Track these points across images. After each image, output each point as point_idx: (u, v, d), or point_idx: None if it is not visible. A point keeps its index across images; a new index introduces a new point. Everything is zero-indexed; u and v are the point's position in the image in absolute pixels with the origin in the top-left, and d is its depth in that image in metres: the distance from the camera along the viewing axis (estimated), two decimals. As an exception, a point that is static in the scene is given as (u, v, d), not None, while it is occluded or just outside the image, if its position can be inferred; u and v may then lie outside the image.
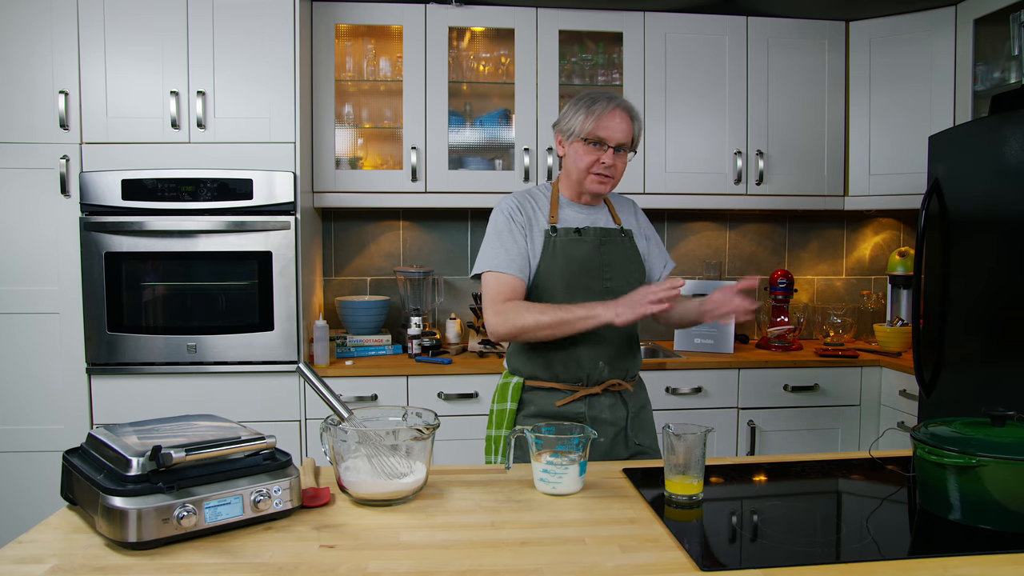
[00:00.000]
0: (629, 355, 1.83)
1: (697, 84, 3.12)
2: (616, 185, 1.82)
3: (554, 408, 1.77)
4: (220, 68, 2.66)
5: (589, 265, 1.77)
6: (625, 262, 1.82)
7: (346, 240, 3.33)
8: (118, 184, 2.61)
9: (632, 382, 1.86)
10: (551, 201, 1.83)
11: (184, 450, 1.11)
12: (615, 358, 1.79)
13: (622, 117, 1.74)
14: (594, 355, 1.76)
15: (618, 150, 1.74)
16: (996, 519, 1.14)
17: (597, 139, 1.73)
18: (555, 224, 1.79)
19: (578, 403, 1.78)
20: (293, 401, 2.70)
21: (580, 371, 1.77)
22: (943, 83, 2.99)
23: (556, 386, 1.78)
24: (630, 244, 1.86)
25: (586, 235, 1.79)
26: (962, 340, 2.40)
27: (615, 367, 1.80)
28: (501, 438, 1.80)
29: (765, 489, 1.40)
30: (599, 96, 1.76)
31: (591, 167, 1.75)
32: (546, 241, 1.77)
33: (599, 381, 1.78)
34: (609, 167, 1.74)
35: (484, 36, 3.20)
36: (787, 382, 2.92)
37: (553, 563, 1.03)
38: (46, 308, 2.63)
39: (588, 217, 1.84)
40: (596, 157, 1.74)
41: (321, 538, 1.12)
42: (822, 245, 3.58)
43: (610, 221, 1.87)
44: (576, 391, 1.77)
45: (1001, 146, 2.22)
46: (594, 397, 1.79)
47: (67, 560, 1.04)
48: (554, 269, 1.75)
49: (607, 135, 1.72)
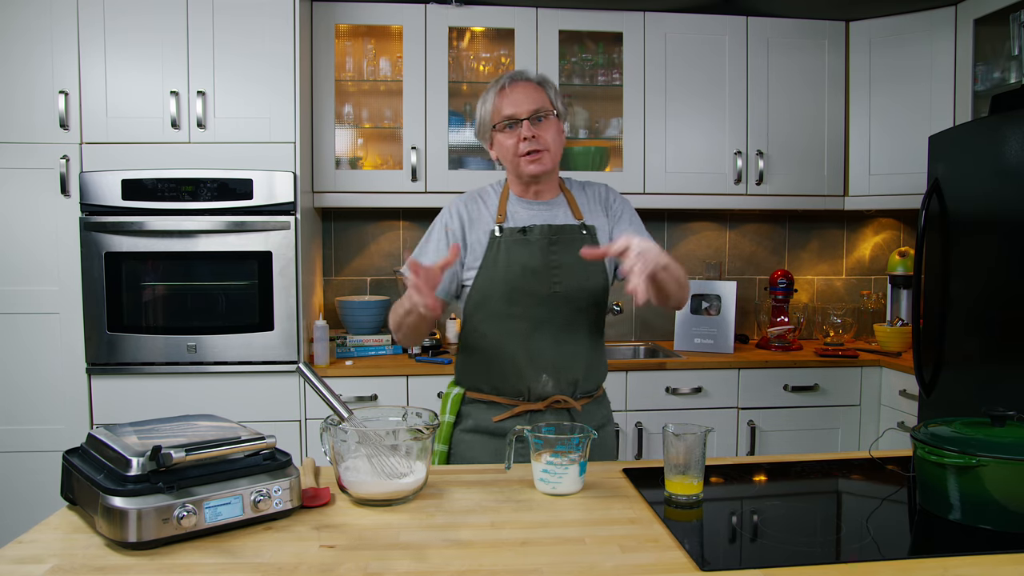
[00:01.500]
0: (581, 368, 1.65)
1: (697, 84, 3.12)
2: (554, 159, 1.64)
3: (491, 424, 1.63)
4: (220, 68, 2.66)
5: (534, 267, 1.60)
6: (579, 263, 1.59)
7: (346, 240, 3.33)
8: (118, 184, 2.61)
9: (584, 400, 1.68)
10: (501, 198, 1.69)
11: (184, 450, 1.11)
12: (562, 371, 1.63)
13: (524, 86, 1.61)
14: (537, 367, 1.61)
15: (537, 120, 1.60)
16: (996, 519, 1.14)
17: (507, 119, 1.60)
18: (502, 224, 1.64)
19: (518, 420, 1.62)
20: (293, 401, 2.70)
21: (520, 384, 1.62)
22: (943, 83, 2.99)
23: (496, 399, 1.64)
24: (591, 242, 1.65)
25: (531, 234, 1.62)
26: (962, 340, 2.40)
27: (562, 381, 1.63)
28: (437, 454, 1.67)
29: (765, 489, 1.40)
30: (495, 81, 1.65)
31: (516, 150, 1.61)
32: (490, 243, 1.63)
33: (542, 397, 1.63)
34: (533, 139, 1.59)
35: (484, 36, 3.20)
36: (787, 382, 2.92)
37: (553, 563, 1.03)
38: (46, 308, 2.63)
39: (539, 214, 1.67)
40: (516, 137, 1.60)
41: (321, 538, 1.12)
42: (822, 245, 3.58)
43: (568, 216, 1.68)
44: (516, 405, 1.63)
45: (1001, 146, 2.22)
46: (537, 414, 1.63)
47: (67, 560, 1.04)
48: (495, 274, 1.61)
49: (513, 109, 1.59)
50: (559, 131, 1.64)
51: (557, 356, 1.62)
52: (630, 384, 2.84)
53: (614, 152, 3.19)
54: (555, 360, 1.62)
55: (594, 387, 1.71)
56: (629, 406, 2.85)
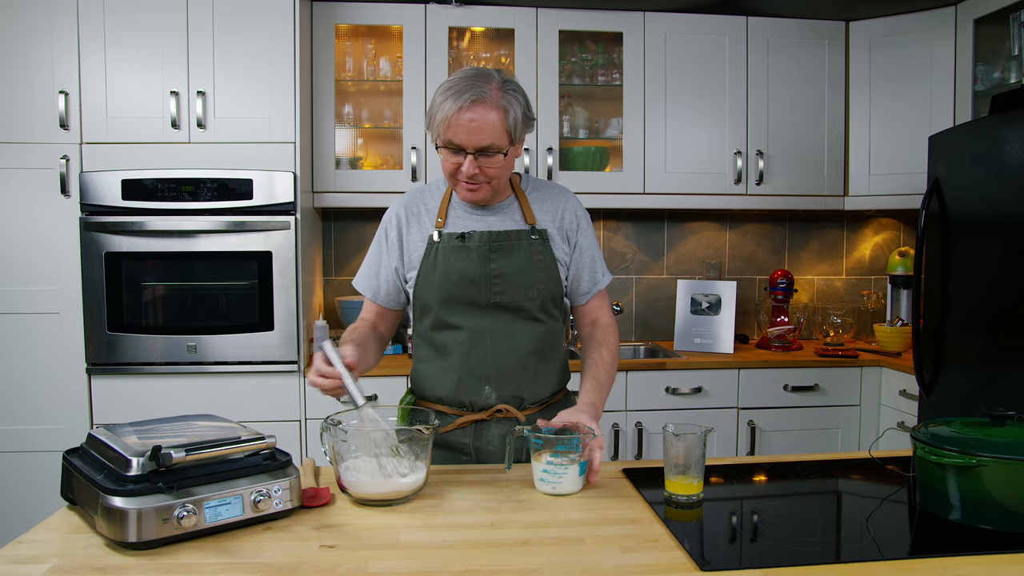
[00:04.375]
0: (525, 381, 1.55)
1: (697, 84, 3.12)
2: (498, 185, 1.50)
3: (437, 436, 1.54)
4: (220, 68, 2.66)
5: (472, 276, 1.51)
6: (524, 271, 1.51)
7: (346, 240, 3.33)
8: (118, 184, 2.61)
9: (532, 410, 1.58)
10: (442, 201, 1.58)
11: (184, 450, 1.11)
12: (505, 383, 1.54)
13: (482, 111, 1.39)
14: (477, 378, 1.53)
15: (483, 155, 1.43)
16: (996, 519, 1.14)
17: (451, 144, 1.43)
18: (441, 229, 1.55)
19: (461, 432, 1.56)
20: (293, 401, 2.70)
21: (462, 395, 1.55)
22: (943, 83, 2.99)
23: (442, 409, 1.57)
24: (540, 248, 1.54)
25: (471, 241, 1.52)
26: (962, 340, 2.40)
27: (505, 393, 1.54)
28: None
29: (765, 489, 1.40)
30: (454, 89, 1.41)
31: (454, 173, 1.47)
32: (427, 250, 1.54)
33: (485, 407, 1.55)
34: (472, 175, 1.44)
35: (484, 36, 3.20)
36: (787, 382, 2.92)
37: (553, 563, 1.03)
38: (46, 308, 2.63)
39: (482, 219, 1.56)
40: (456, 164, 1.45)
41: (321, 538, 1.12)
42: (822, 245, 3.58)
43: (517, 221, 1.56)
44: (461, 416, 1.55)
45: (1001, 146, 2.22)
46: (482, 424, 1.55)
47: (67, 560, 1.04)
48: (432, 281, 1.52)
49: (460, 140, 1.41)
50: (510, 160, 1.49)
51: (499, 368, 1.53)
52: (630, 384, 2.84)
53: (614, 152, 3.19)
54: (497, 370, 1.53)
55: (547, 395, 1.61)
56: (629, 406, 2.85)
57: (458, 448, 1.57)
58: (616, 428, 2.84)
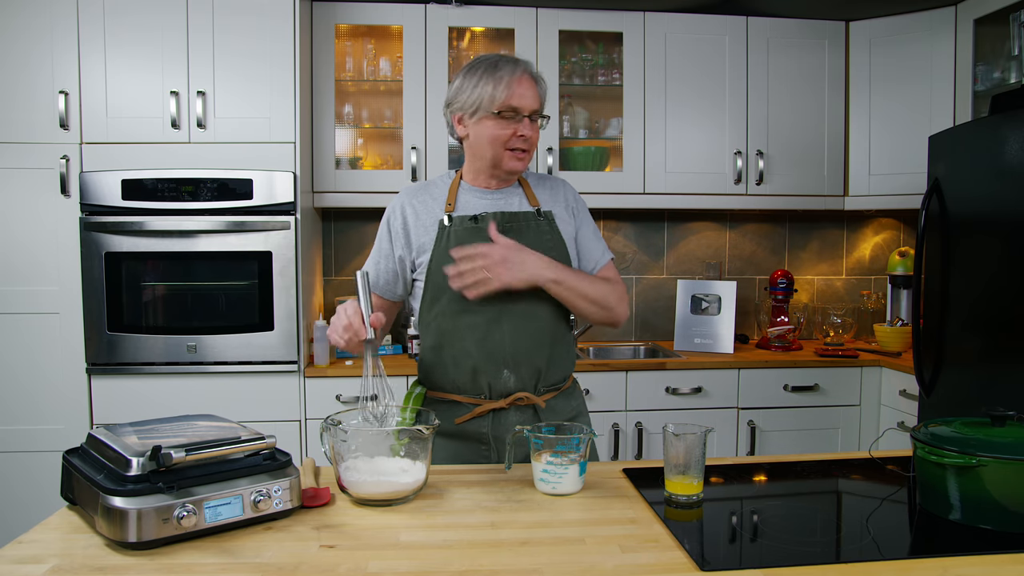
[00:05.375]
0: (543, 360, 1.58)
1: (697, 84, 3.12)
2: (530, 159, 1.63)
3: (452, 427, 1.56)
4: (220, 68, 2.66)
5: None
6: (537, 249, 1.54)
7: (346, 240, 3.33)
8: (118, 184, 2.61)
9: (550, 395, 1.61)
10: (451, 188, 1.62)
11: (184, 450, 1.11)
12: (523, 364, 1.56)
13: (530, 82, 1.54)
14: (496, 361, 1.54)
15: (532, 119, 1.55)
16: (996, 519, 1.14)
17: (511, 109, 1.51)
18: (451, 213, 1.58)
19: (480, 421, 1.56)
20: (293, 401, 2.70)
21: (481, 380, 1.55)
22: (943, 83, 2.99)
23: (457, 398, 1.58)
24: (548, 228, 1.60)
25: (483, 222, 1.56)
26: (962, 340, 2.40)
27: (524, 375, 1.56)
28: None
29: (765, 489, 1.40)
30: (500, 62, 1.54)
31: (508, 142, 1.53)
32: (439, 234, 1.57)
33: (504, 393, 1.56)
34: (527, 139, 1.54)
35: (484, 36, 3.20)
36: (787, 382, 2.92)
37: (553, 563, 1.03)
38: (46, 308, 2.63)
39: (492, 203, 1.61)
40: (512, 130, 1.52)
41: (321, 538, 1.12)
42: (822, 245, 3.58)
43: (524, 204, 1.63)
44: (479, 404, 1.56)
45: (1001, 146, 2.22)
46: (500, 412, 1.56)
47: (67, 560, 1.04)
48: (447, 262, 1.52)
49: (521, 103, 1.51)
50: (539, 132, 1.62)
51: (517, 349, 1.55)
52: (630, 384, 2.84)
53: (614, 152, 3.19)
54: (515, 353, 1.55)
55: (560, 379, 1.63)
56: (629, 406, 2.85)
57: (476, 438, 1.57)
58: (616, 428, 2.83)
